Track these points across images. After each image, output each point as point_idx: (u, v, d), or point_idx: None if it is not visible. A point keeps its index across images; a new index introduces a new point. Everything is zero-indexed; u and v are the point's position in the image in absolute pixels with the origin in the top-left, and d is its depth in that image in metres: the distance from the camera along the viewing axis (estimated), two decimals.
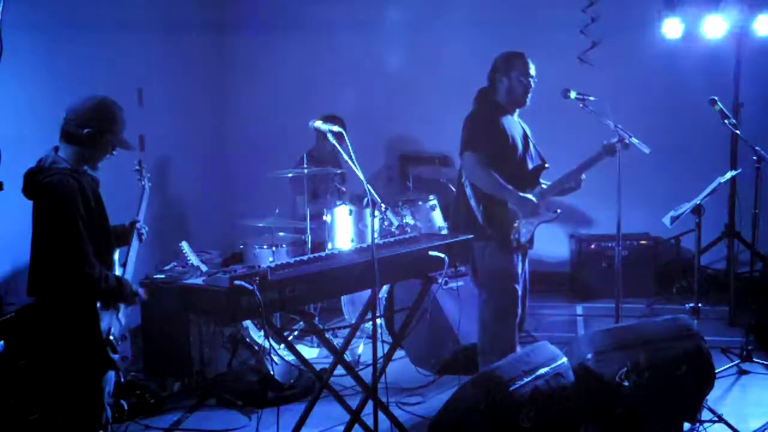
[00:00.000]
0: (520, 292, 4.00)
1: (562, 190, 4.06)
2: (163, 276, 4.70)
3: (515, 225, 3.91)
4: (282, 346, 4.42)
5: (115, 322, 3.10)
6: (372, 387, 3.26)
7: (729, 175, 4.49)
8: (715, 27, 5.74)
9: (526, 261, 4.16)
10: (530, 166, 4.05)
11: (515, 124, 4.06)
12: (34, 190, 2.93)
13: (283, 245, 5.39)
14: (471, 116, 4.04)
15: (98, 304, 2.98)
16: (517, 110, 4.10)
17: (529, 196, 3.94)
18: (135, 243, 3.38)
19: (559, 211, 4.04)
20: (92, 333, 2.95)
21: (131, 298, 3.15)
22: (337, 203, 5.46)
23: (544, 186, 4.05)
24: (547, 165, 4.09)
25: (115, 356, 3.04)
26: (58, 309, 2.94)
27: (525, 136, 4.08)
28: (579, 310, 6.08)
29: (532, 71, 3.99)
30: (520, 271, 4.02)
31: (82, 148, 2.99)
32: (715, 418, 3.73)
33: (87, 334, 2.96)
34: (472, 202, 3.94)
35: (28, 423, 3.38)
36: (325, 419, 3.93)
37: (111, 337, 3.03)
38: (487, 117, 3.97)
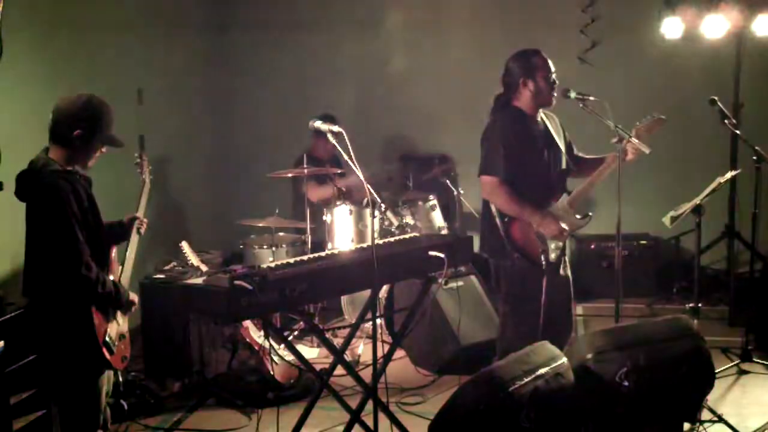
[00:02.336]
0: (543, 309, 3.83)
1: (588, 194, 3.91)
2: (163, 276, 4.70)
3: (542, 245, 3.79)
4: (282, 346, 4.42)
5: (113, 323, 3.10)
6: (372, 387, 3.25)
7: (729, 175, 4.49)
8: (715, 27, 5.75)
9: (567, 270, 3.97)
10: (556, 174, 3.87)
11: (539, 130, 3.87)
12: (27, 193, 2.92)
13: (283, 245, 5.40)
14: (485, 134, 3.86)
15: (93, 306, 2.99)
16: (540, 111, 3.91)
17: (557, 206, 3.80)
18: (134, 239, 3.37)
19: (590, 214, 3.90)
20: (87, 334, 2.95)
21: (127, 306, 3.15)
22: (337, 203, 5.47)
23: (567, 194, 3.88)
24: (573, 168, 3.94)
25: (112, 357, 3.04)
26: (54, 310, 2.94)
27: (549, 139, 3.89)
28: (579, 310, 6.08)
29: (552, 67, 3.81)
30: (546, 287, 3.80)
31: (73, 148, 2.98)
32: (715, 418, 3.73)
33: (82, 335, 2.95)
34: (497, 221, 3.82)
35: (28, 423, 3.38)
36: (325, 419, 3.93)
37: (107, 339, 3.03)
38: (503, 134, 3.78)
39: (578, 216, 3.88)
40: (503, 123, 3.85)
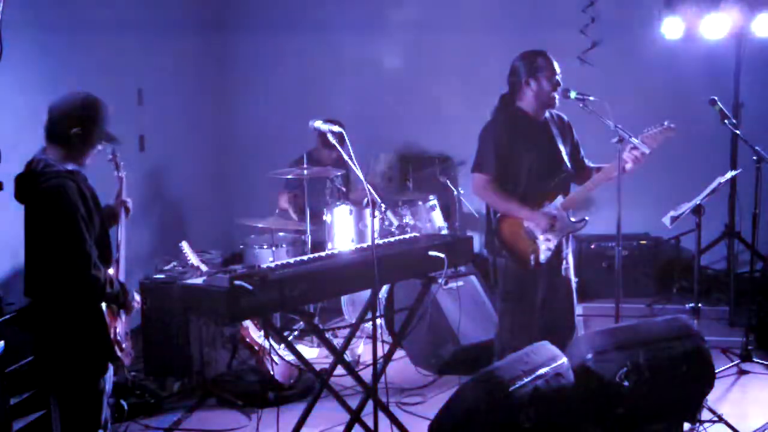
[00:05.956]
0: (540, 309, 3.89)
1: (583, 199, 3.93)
2: (163, 276, 4.70)
3: (532, 244, 3.81)
4: (282, 346, 4.42)
5: (119, 320, 3.12)
6: (372, 387, 3.26)
7: (729, 175, 4.49)
8: (715, 27, 5.75)
9: (569, 272, 3.96)
10: (552, 176, 3.86)
11: (539, 130, 3.88)
12: (30, 195, 2.91)
13: (283, 245, 5.40)
14: (481, 133, 3.90)
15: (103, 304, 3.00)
16: (547, 112, 3.91)
17: (551, 207, 3.81)
18: (123, 222, 3.38)
19: (587, 218, 3.90)
20: (101, 332, 2.96)
21: (131, 306, 3.17)
22: (338, 204, 5.47)
23: (562, 198, 3.87)
24: (573, 172, 3.93)
25: (122, 353, 3.06)
26: (63, 310, 2.93)
27: (551, 143, 3.88)
28: (579, 310, 6.07)
29: (557, 68, 3.82)
30: (541, 287, 3.87)
31: (71, 147, 2.97)
32: (715, 418, 3.73)
33: (95, 332, 2.96)
34: (492, 218, 3.88)
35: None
36: (325, 419, 3.93)
37: (118, 336, 3.05)
38: (496, 133, 3.83)
39: (573, 219, 3.88)
40: (499, 122, 3.89)
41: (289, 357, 4.37)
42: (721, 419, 3.73)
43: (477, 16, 6.64)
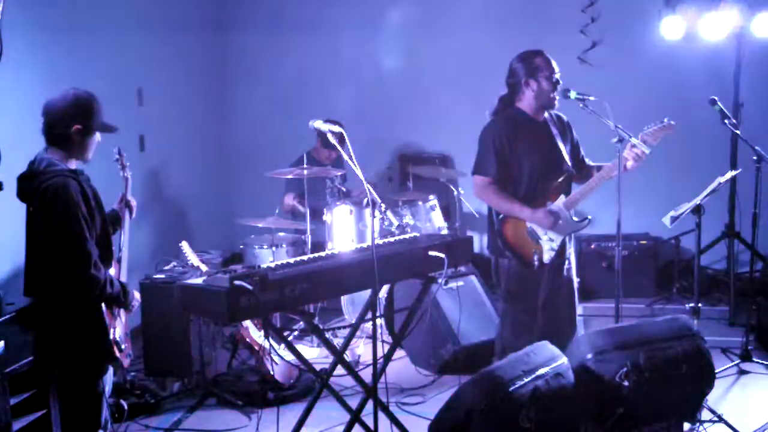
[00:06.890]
0: (542, 309, 3.89)
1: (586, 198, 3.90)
2: (163, 276, 4.70)
3: (535, 245, 3.82)
4: (282, 346, 4.42)
5: (118, 321, 3.12)
6: (372, 387, 3.25)
7: (729, 175, 4.49)
8: (715, 27, 5.75)
9: (571, 272, 3.97)
10: (554, 176, 3.86)
11: (539, 131, 3.88)
12: (32, 194, 2.91)
13: (283, 245, 5.40)
14: (481, 134, 3.90)
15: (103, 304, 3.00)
16: (546, 111, 3.91)
17: (553, 207, 3.80)
18: (126, 224, 3.40)
19: (589, 218, 3.90)
20: (100, 332, 2.97)
21: (131, 306, 3.17)
22: (338, 203, 5.47)
23: (563, 198, 3.87)
24: (574, 172, 3.94)
25: (120, 354, 3.07)
26: (63, 309, 2.94)
27: (551, 143, 3.88)
28: (579, 310, 6.05)
29: (556, 68, 3.81)
30: (543, 287, 3.88)
31: (73, 144, 2.99)
32: (715, 418, 3.73)
33: (95, 333, 2.97)
34: (494, 218, 3.89)
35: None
36: (325, 419, 3.93)
37: (117, 337, 3.05)
38: (496, 135, 3.82)
39: (576, 219, 3.88)
40: (498, 124, 3.89)
41: (289, 357, 4.37)
42: (721, 419, 3.74)
43: (476, 16, 6.64)
